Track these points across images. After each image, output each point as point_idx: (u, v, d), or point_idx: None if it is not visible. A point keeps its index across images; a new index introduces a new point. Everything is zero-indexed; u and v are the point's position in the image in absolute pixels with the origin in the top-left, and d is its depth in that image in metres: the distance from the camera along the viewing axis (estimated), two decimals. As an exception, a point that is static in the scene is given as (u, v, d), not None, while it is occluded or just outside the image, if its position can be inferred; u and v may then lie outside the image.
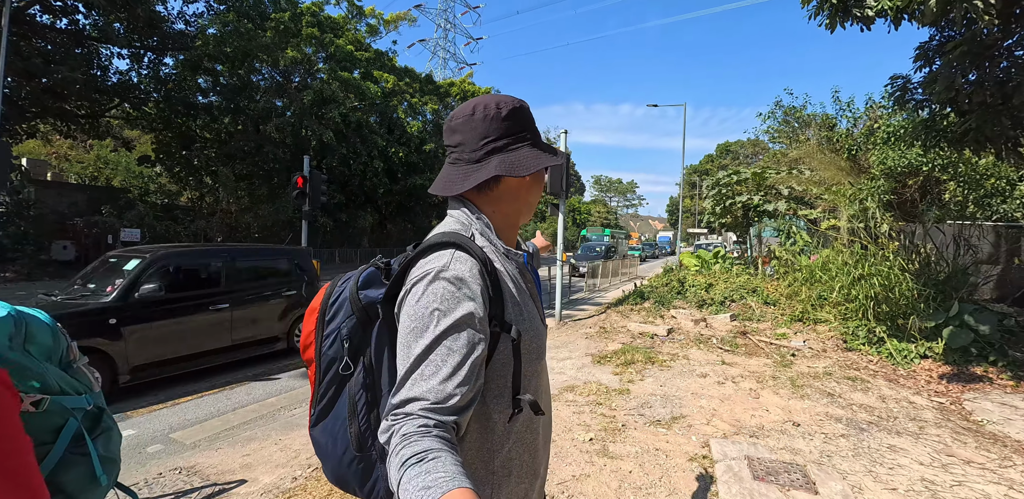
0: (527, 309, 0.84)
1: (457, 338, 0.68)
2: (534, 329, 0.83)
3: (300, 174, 9.81)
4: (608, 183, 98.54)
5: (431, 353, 0.68)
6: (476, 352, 0.69)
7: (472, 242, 0.80)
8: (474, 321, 0.70)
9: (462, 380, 0.66)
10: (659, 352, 5.60)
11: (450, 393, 0.65)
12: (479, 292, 0.73)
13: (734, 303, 8.29)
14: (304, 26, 21.19)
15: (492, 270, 0.77)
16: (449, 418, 0.64)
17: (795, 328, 6.59)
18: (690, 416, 3.61)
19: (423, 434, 0.60)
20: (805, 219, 10.80)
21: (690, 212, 54.96)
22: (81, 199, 17.96)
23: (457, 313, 0.70)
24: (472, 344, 0.69)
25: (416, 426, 0.61)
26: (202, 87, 19.43)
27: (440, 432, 0.62)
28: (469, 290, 0.72)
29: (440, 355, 0.67)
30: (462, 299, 0.71)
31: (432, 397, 0.64)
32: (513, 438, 0.81)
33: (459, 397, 0.65)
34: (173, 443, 3.34)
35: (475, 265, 0.75)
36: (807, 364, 5.13)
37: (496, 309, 0.75)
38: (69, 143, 24.46)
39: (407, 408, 0.64)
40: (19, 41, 13.61)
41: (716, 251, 14.75)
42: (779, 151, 19.04)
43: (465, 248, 0.77)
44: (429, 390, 0.65)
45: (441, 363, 0.67)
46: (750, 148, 47.43)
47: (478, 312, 0.71)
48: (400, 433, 0.61)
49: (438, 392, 0.65)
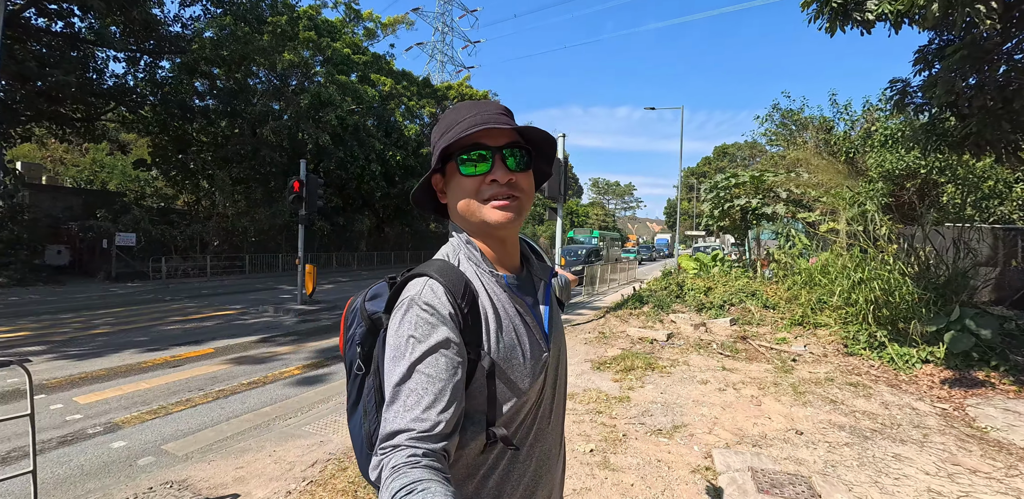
0: (509, 336, 0.79)
1: (434, 364, 0.69)
2: (516, 358, 0.78)
3: (297, 178, 9.78)
4: (606, 186, 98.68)
5: (410, 381, 0.68)
6: (456, 376, 0.69)
7: (453, 269, 0.79)
8: (450, 346, 0.70)
9: (444, 406, 0.66)
10: (659, 358, 5.55)
11: (435, 421, 0.65)
12: (449, 317, 0.72)
13: (733, 307, 8.25)
14: (301, 30, 21.18)
15: (470, 296, 0.76)
16: (436, 446, 0.64)
17: (795, 332, 6.55)
18: (692, 424, 3.56)
19: (412, 465, 0.59)
20: (804, 222, 10.79)
21: (688, 214, 55.10)
22: (76, 203, 17.86)
23: (432, 340, 0.70)
24: (451, 369, 0.69)
25: (405, 457, 0.61)
26: (199, 90, 19.36)
27: (429, 461, 0.61)
28: (440, 316, 0.72)
29: (420, 383, 0.68)
30: (436, 325, 0.71)
31: (417, 427, 0.64)
32: (497, 472, 0.79)
33: (444, 423, 0.65)
34: (165, 455, 3.27)
35: (446, 292, 0.74)
36: (808, 369, 5.09)
37: (472, 335, 0.75)
38: (64, 147, 24.34)
39: (394, 440, 0.64)
40: (13, 44, 13.56)
41: (714, 254, 14.72)
42: (776, 153, 19.09)
43: (438, 276, 0.76)
44: (414, 419, 0.65)
45: (423, 392, 0.67)
46: (747, 150, 47.56)
47: (453, 337, 0.71)
48: (389, 466, 0.60)
49: (423, 421, 0.65)
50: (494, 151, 0.77)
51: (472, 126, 0.76)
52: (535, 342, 0.82)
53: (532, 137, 0.82)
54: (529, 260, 0.93)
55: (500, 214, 0.78)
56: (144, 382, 4.86)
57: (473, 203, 0.79)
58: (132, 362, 5.58)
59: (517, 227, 0.82)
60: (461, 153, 0.78)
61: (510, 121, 0.81)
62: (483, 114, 0.79)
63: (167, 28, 17.13)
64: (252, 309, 9.92)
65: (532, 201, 0.84)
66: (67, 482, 2.86)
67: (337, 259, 23.84)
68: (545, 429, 0.86)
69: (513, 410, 0.78)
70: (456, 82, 32.89)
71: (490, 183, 0.77)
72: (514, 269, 0.89)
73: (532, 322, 0.83)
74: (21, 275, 13.56)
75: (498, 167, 0.77)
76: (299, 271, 10.21)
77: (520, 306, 0.83)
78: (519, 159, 0.79)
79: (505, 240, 0.85)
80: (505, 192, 0.77)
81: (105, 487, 2.80)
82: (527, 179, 0.81)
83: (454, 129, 0.78)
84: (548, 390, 0.86)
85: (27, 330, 7.29)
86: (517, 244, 0.90)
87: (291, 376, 5.23)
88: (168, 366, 5.48)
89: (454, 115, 0.81)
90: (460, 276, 0.78)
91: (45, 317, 8.49)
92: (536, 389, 0.81)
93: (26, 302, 10.49)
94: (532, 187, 0.84)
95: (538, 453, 0.84)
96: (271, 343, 6.80)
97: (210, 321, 8.47)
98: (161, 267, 15.43)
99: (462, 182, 0.79)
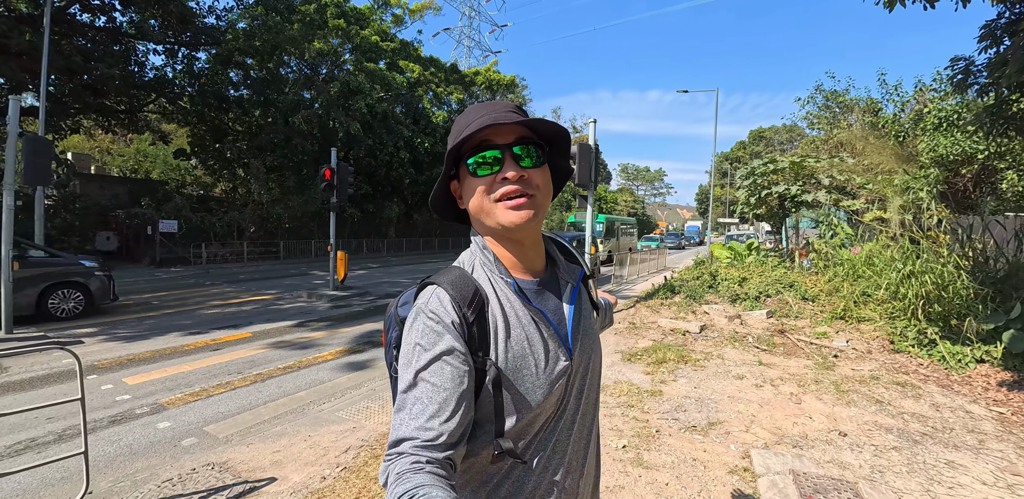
0: (519, 346, 0.76)
1: (439, 372, 0.69)
2: (526, 368, 0.75)
3: (328, 166, 9.90)
4: (635, 171, 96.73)
5: (415, 389, 0.69)
6: (462, 385, 0.69)
7: (463, 276, 0.78)
8: (455, 354, 0.70)
9: (448, 416, 0.66)
10: (692, 350, 5.42)
11: (439, 431, 0.65)
12: (453, 325, 0.72)
13: (769, 298, 7.96)
14: (330, 17, 21.25)
15: (478, 304, 0.75)
16: (440, 455, 0.65)
17: (836, 326, 6.27)
18: (727, 422, 3.45)
19: (416, 471, 0.61)
20: (847, 210, 10.25)
21: (720, 201, 53.46)
22: (122, 191, 18.70)
23: (437, 348, 0.70)
24: (456, 377, 0.69)
25: (408, 464, 0.62)
26: (233, 81, 19.80)
27: (433, 468, 0.62)
28: (445, 325, 0.72)
29: (425, 392, 0.68)
30: (441, 333, 0.71)
31: (421, 436, 0.65)
32: (509, 482, 0.77)
33: (447, 434, 0.66)
34: (207, 437, 3.40)
35: (452, 300, 0.74)
36: (851, 366, 4.86)
37: (480, 344, 0.74)
38: (110, 137, 25.42)
39: (399, 448, 0.65)
40: (60, 40, 14.07)
41: (749, 242, 14.22)
42: (818, 137, 18.15)
43: (446, 284, 0.76)
44: (418, 428, 0.66)
45: (428, 401, 0.67)
46: (785, 134, 45.46)
47: (458, 346, 0.71)
48: (394, 473, 0.62)
49: (427, 430, 0.65)
50: (503, 149, 0.75)
51: (479, 125, 0.73)
52: (552, 352, 0.78)
53: (543, 131, 0.78)
54: (556, 261, 0.89)
55: (515, 214, 0.74)
56: (187, 365, 5.07)
57: (487, 204, 0.76)
58: (176, 345, 5.83)
59: (535, 227, 0.78)
60: (471, 154, 0.76)
61: (520, 117, 0.77)
62: (491, 114, 0.76)
63: (202, 20, 17.46)
64: (287, 294, 10.22)
65: (550, 198, 0.80)
66: (117, 460, 3.01)
67: (367, 245, 24.30)
68: (566, 441, 0.82)
69: (524, 422, 0.76)
70: (483, 67, 32.51)
71: (501, 181, 0.75)
72: (536, 272, 0.85)
73: (548, 330, 0.79)
74: (75, 260, 14.34)
75: (509, 165, 0.74)
76: (331, 257, 10.42)
77: (535, 314, 0.79)
78: (531, 155, 0.76)
79: (523, 242, 0.81)
80: (518, 189, 0.74)
81: (152, 467, 2.93)
82: (541, 175, 0.78)
83: (466, 129, 0.76)
84: (571, 401, 0.82)
85: (81, 313, 7.71)
86: (539, 245, 0.85)
87: (324, 361, 5.36)
88: (209, 349, 5.70)
89: (464, 119, 0.80)
90: (469, 283, 0.77)
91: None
92: (553, 401, 0.78)
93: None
94: (548, 183, 0.80)
95: (556, 465, 0.80)
96: (305, 328, 6.98)
97: (247, 305, 8.77)
98: (201, 253, 16.06)
99: (474, 183, 0.77)
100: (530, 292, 0.81)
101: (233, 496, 2.58)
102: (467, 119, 0.78)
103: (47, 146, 6.30)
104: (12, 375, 4.55)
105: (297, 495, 2.57)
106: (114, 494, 2.60)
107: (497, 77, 31.30)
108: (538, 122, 0.75)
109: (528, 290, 0.81)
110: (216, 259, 17.38)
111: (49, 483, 2.72)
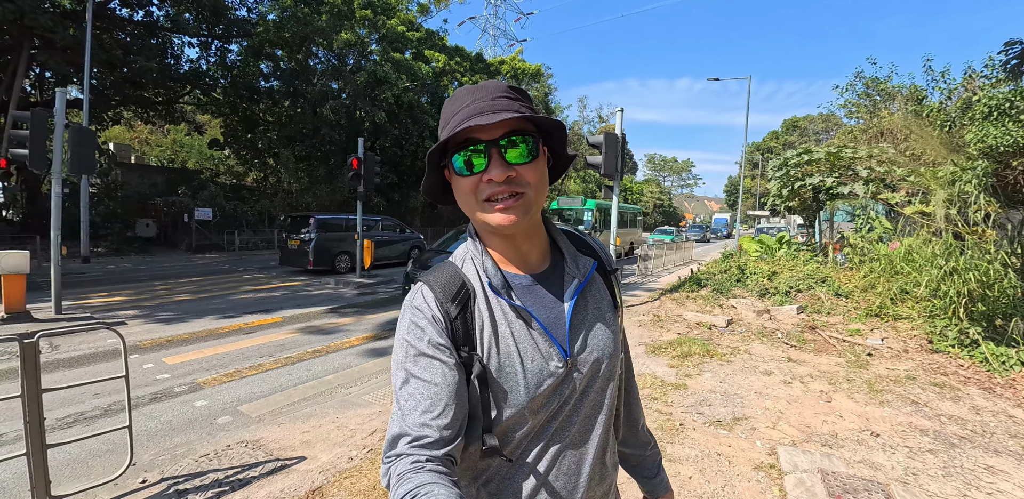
0: (505, 343, 0.73)
1: (428, 367, 0.69)
2: (511, 366, 0.72)
3: (355, 156, 10.04)
4: (662, 162, 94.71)
5: (407, 385, 0.69)
6: (451, 380, 0.68)
7: (451, 272, 0.77)
8: (440, 349, 0.70)
9: (440, 411, 0.66)
10: (718, 344, 5.33)
11: (432, 427, 0.65)
12: (433, 320, 0.72)
13: (800, 293, 7.73)
14: (357, 8, 21.33)
15: (463, 298, 0.74)
16: (438, 452, 0.64)
17: (871, 324, 6.05)
18: (754, 418, 3.39)
19: (416, 470, 0.61)
20: (885, 203, 9.81)
21: (750, 193, 51.96)
22: (160, 180, 19.40)
23: (422, 344, 0.70)
24: (445, 373, 0.68)
25: (409, 464, 0.62)
26: (264, 72, 20.19)
27: (434, 466, 0.62)
28: (428, 320, 0.72)
29: (416, 387, 0.68)
30: (425, 328, 0.71)
31: (415, 432, 0.65)
32: (497, 479, 0.76)
33: (441, 430, 0.65)
34: (240, 415, 3.54)
35: (435, 296, 0.74)
36: (886, 365, 4.69)
37: (465, 339, 0.73)
38: (149, 128, 26.36)
39: (397, 449, 0.65)
40: (101, 34, 14.60)
41: (780, 236, 13.80)
42: (856, 127, 17.34)
43: (432, 281, 0.76)
44: (412, 425, 0.65)
45: (420, 396, 0.67)
46: (820, 124, 43.63)
47: (442, 341, 0.70)
48: (396, 474, 0.62)
49: (421, 426, 0.65)
50: (488, 145, 0.68)
51: (461, 121, 0.68)
52: (542, 350, 0.74)
53: (536, 121, 0.71)
54: (563, 254, 0.82)
55: (501, 217, 0.69)
56: (221, 347, 5.28)
57: (473, 204, 0.72)
58: (211, 328, 6.07)
59: (526, 225, 0.73)
60: (455, 150, 0.70)
61: (511, 105, 0.69)
62: (477, 103, 0.69)
63: (234, 12, 17.83)
64: (315, 281, 10.48)
65: (545, 191, 0.74)
66: (158, 435, 3.17)
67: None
68: (561, 445, 0.77)
69: (510, 422, 0.73)
70: (508, 56, 32.20)
71: (488, 182, 0.69)
72: (532, 266, 0.80)
73: (538, 329, 0.74)
74: (117, 245, 15.07)
75: (495, 164, 0.68)
76: (357, 246, 10.61)
77: (521, 311, 0.74)
78: (521, 148, 0.69)
79: (515, 237, 0.76)
80: (505, 190, 0.69)
81: (190, 442, 3.08)
82: (533, 169, 0.71)
83: (449, 124, 0.71)
84: (568, 405, 0.76)
85: (123, 295, 8.10)
86: (536, 238, 0.79)
87: (351, 346, 5.49)
88: (242, 333, 5.91)
89: (451, 106, 0.73)
90: (456, 278, 0.76)
91: (136, 284, 9.40)
92: (541, 402, 0.74)
93: (121, 270, 11.65)
94: (543, 175, 0.73)
95: (547, 467, 0.76)
96: (334, 314, 7.16)
97: (278, 291, 9.04)
98: (235, 240, 16.60)
99: (460, 183, 0.72)
100: (520, 287, 0.77)
101: (265, 472, 2.68)
102: (454, 107, 0.72)
103: (91, 136, 6.57)
104: (61, 353, 4.82)
105: (325, 474, 2.66)
106: (155, 467, 2.74)
107: (522, 66, 30.96)
108: (525, 120, 0.69)
109: (518, 285, 0.77)
110: (248, 246, 17.95)
111: (96, 454, 2.90)
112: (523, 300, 0.76)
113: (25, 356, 2.16)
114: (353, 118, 20.36)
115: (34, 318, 5.90)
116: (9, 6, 11.63)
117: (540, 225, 0.80)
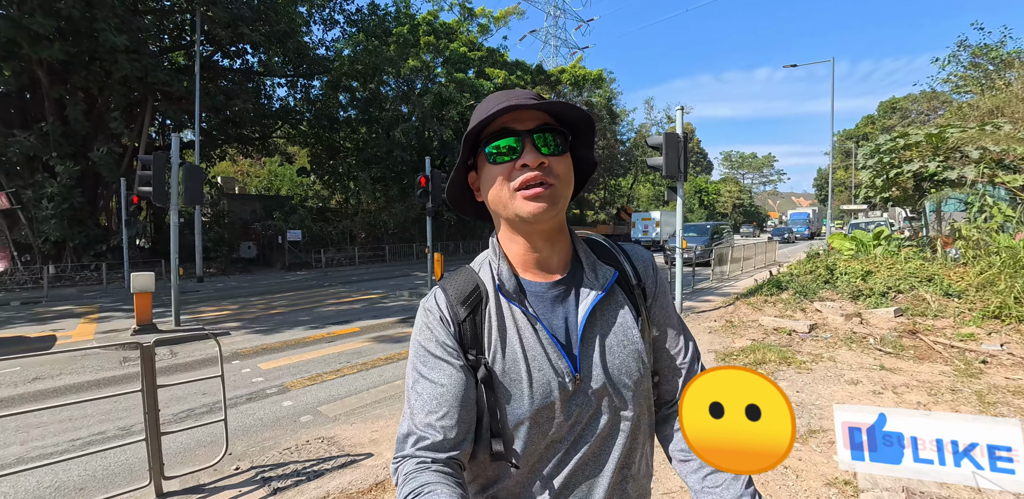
0: (512, 349, 0.73)
1: (437, 368, 0.71)
2: (515, 373, 0.72)
3: (423, 174, 10.61)
4: (740, 159, 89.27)
5: (417, 384, 0.71)
6: (458, 382, 0.70)
7: (467, 276, 0.79)
8: (448, 351, 0.72)
9: (445, 412, 0.68)
10: (797, 352, 4.93)
11: (438, 428, 0.67)
12: (442, 321, 0.74)
13: (900, 294, 6.91)
14: (422, 35, 22.71)
15: (474, 302, 0.76)
16: (443, 455, 0.66)
17: (988, 327, 5.27)
18: (832, 430, 3.11)
19: (422, 470, 0.64)
20: (1006, 187, 8.50)
21: (844, 185, 47.21)
22: (259, 207, 21.74)
23: (432, 345, 0.73)
24: (452, 374, 0.70)
25: (415, 464, 0.65)
26: (342, 103, 22.10)
27: (439, 467, 0.65)
28: (437, 321, 0.74)
29: (425, 388, 0.70)
30: (435, 330, 0.74)
31: (420, 432, 0.67)
32: (503, 485, 0.75)
33: (446, 432, 0.67)
34: (319, 415, 3.89)
35: (447, 299, 0.77)
36: (1004, 375, 4.07)
37: (473, 343, 0.74)
38: (248, 161, 29.70)
39: (405, 449, 0.68)
40: (207, 83, 16.83)
41: (878, 231, 12.40)
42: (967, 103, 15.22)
43: (447, 284, 0.79)
44: (419, 424, 0.68)
45: (428, 396, 0.69)
46: (924, 103, 38.60)
47: (451, 343, 0.73)
48: (403, 473, 0.65)
49: (427, 428, 0.68)
50: (523, 135, 0.70)
51: (496, 105, 0.70)
52: (552, 362, 0.72)
53: (567, 117, 0.73)
54: (582, 264, 0.79)
55: (531, 205, 0.69)
56: (307, 354, 5.80)
57: (504, 192, 0.71)
58: (299, 337, 6.69)
59: (554, 218, 0.72)
60: (489, 141, 0.72)
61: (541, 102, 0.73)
62: (511, 100, 0.71)
63: (315, 51, 19.78)
64: (391, 294, 11.15)
65: (571, 189, 0.75)
66: (250, 430, 3.58)
67: (463, 247, 25.54)
68: (577, 468, 0.74)
69: (515, 428, 0.72)
70: (568, 65, 32.33)
71: (520, 168, 0.69)
72: (553, 274, 0.78)
73: (548, 339, 0.73)
74: (224, 266, 17.11)
75: (529, 151, 0.69)
76: (428, 259, 11.15)
77: (532, 319, 0.73)
78: (551, 143, 0.71)
79: (540, 236, 0.75)
80: (537, 177, 0.69)
81: (276, 437, 3.44)
82: (562, 164, 0.72)
83: (482, 116, 0.73)
84: (579, 426, 0.74)
85: (229, 310, 9.18)
86: (560, 243, 0.78)
87: (419, 355, 5.78)
88: (324, 341, 6.45)
89: (484, 106, 0.75)
90: (470, 281, 0.78)
91: (239, 299, 10.60)
92: (546, 415, 0.72)
93: (228, 288, 13.19)
94: (570, 173, 0.75)
95: (565, 492, 0.74)
96: (406, 324, 7.57)
97: (357, 304, 9.74)
98: (321, 258, 18.15)
99: (492, 171, 0.72)
100: (534, 295, 0.76)
101: (337, 465, 2.94)
102: (486, 106, 0.74)
103: (199, 173, 7.61)
104: (179, 359, 5.57)
105: (389, 470, 2.86)
106: (247, 456, 3.11)
107: (583, 73, 30.91)
108: (560, 106, 0.70)
109: (533, 292, 0.76)
110: (333, 263, 19.50)
111: (201, 444, 3.34)
112: (536, 308, 0.75)
113: (144, 359, 2.58)
114: (422, 138, 21.56)
115: (159, 329, 6.88)
116: (136, 65, 13.82)
117: (564, 230, 0.79)
